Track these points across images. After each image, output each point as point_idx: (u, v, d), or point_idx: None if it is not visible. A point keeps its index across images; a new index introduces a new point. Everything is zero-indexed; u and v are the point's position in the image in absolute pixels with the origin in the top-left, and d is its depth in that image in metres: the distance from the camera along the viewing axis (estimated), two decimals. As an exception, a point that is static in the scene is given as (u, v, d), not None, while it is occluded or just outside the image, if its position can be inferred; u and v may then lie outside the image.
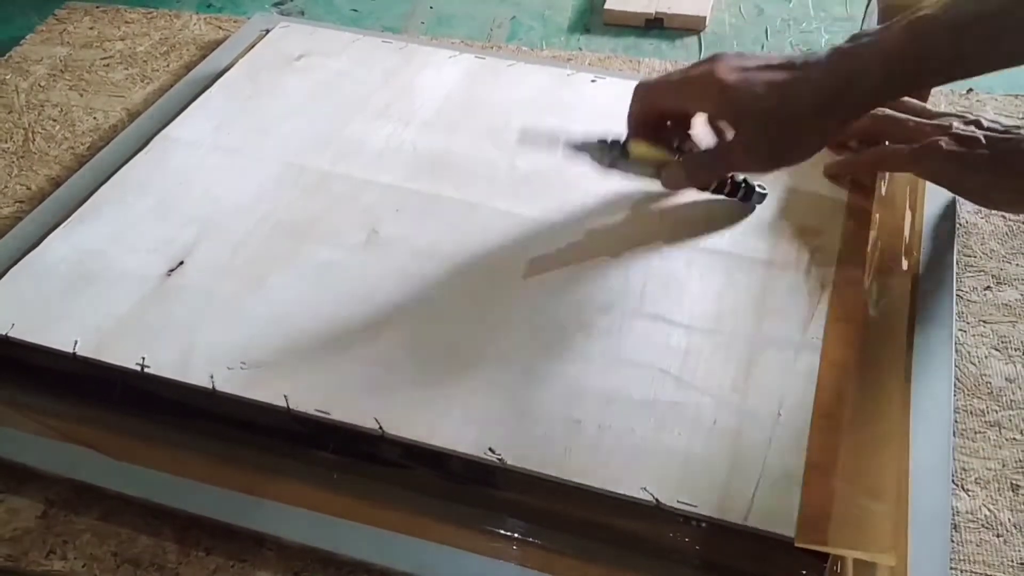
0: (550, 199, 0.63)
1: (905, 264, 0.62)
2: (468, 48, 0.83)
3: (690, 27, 0.90)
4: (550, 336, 0.55)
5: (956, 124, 0.60)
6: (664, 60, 0.83)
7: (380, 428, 0.50)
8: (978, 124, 0.59)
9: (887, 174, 0.66)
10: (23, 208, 0.69)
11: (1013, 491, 0.51)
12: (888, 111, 0.63)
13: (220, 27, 0.89)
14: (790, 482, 0.47)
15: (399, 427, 0.50)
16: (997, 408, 0.54)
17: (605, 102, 0.70)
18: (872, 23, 0.67)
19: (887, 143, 0.63)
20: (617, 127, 0.59)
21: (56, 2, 0.94)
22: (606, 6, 0.91)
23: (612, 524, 0.47)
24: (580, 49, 0.88)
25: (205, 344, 0.54)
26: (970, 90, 0.77)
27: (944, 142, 0.59)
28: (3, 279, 0.59)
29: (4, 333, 0.55)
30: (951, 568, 0.47)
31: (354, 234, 0.62)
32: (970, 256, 0.64)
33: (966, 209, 0.67)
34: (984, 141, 0.58)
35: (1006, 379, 0.56)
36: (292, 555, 0.48)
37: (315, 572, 0.48)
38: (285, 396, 0.51)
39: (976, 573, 0.47)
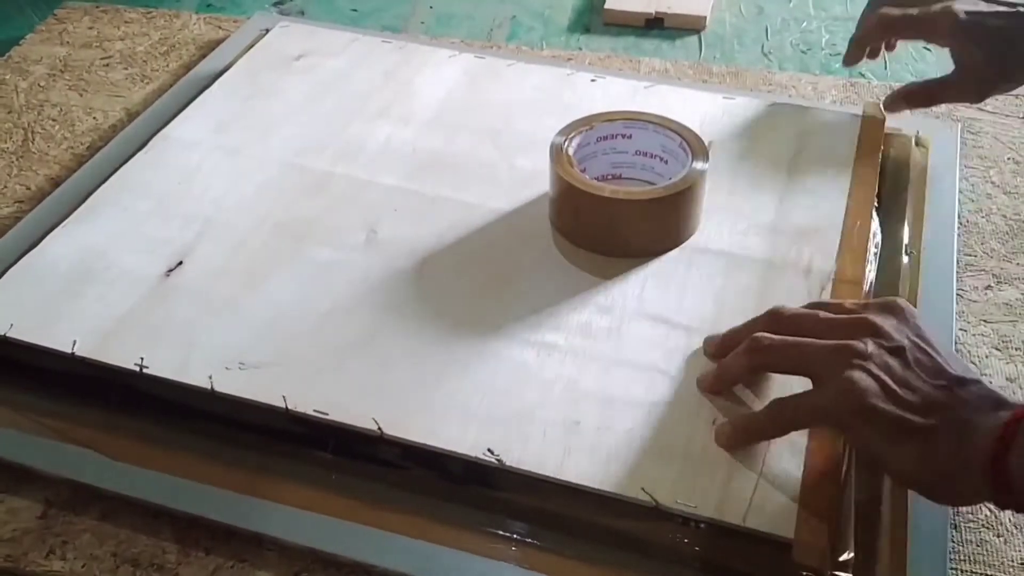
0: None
1: (906, 263, 0.62)
2: (468, 48, 0.83)
3: (690, 27, 0.89)
4: (549, 336, 0.55)
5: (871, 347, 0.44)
6: (664, 60, 0.83)
7: (379, 429, 0.50)
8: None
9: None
10: (22, 208, 0.69)
11: (1013, 491, 0.50)
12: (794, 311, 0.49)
13: (220, 27, 0.89)
14: (789, 483, 0.47)
15: (398, 428, 0.50)
16: (997, 408, 0.54)
17: (605, 102, 0.70)
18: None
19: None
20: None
21: (55, 2, 0.94)
22: (606, 6, 0.91)
23: (611, 525, 0.47)
24: (580, 49, 0.88)
25: (204, 344, 0.54)
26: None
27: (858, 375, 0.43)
28: (2, 279, 0.59)
29: (3, 333, 0.55)
30: (951, 568, 0.47)
31: (354, 234, 0.62)
32: (971, 255, 0.63)
33: (967, 208, 0.67)
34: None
35: (1007, 379, 0.56)
36: (292, 556, 0.48)
37: (315, 573, 0.48)
38: (284, 397, 0.51)
39: (976, 573, 0.47)
